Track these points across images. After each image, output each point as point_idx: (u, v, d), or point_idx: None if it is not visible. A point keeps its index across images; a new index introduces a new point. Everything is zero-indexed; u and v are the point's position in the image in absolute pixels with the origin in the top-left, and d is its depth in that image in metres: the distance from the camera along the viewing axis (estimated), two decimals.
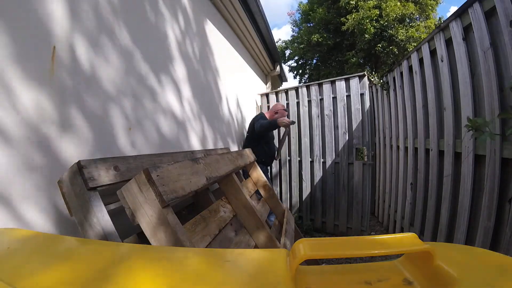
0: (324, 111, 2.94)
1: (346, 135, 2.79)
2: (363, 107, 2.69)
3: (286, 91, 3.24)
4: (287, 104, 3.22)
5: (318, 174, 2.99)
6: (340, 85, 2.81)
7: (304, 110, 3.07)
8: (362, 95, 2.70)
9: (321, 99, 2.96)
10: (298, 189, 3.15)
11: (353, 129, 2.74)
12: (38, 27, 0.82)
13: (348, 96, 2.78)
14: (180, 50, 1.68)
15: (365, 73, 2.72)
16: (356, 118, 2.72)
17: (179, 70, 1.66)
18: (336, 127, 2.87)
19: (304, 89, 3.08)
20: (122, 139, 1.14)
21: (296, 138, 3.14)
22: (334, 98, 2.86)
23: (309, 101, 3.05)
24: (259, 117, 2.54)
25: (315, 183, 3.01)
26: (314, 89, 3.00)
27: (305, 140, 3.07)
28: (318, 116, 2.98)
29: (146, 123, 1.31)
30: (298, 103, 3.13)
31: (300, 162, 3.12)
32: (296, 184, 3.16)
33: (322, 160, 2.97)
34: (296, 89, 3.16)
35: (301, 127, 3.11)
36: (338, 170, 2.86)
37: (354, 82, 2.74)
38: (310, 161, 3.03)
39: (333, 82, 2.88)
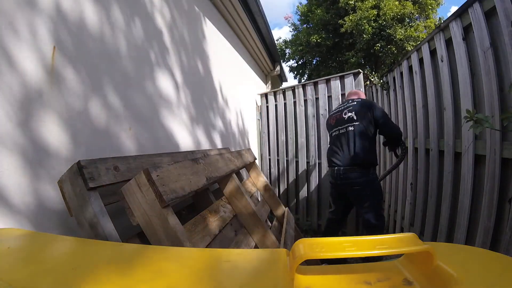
0: (320, 110, 2.90)
1: None
2: None
3: (284, 91, 3.23)
4: (285, 104, 3.21)
5: (314, 176, 2.95)
6: (335, 83, 2.78)
7: (300, 109, 3.06)
8: None
9: (317, 98, 2.94)
10: (295, 191, 3.15)
11: None
12: (40, 27, 0.82)
13: (344, 95, 2.74)
14: (180, 50, 1.68)
15: (360, 70, 2.70)
16: None
17: (179, 69, 1.66)
18: None
19: (300, 88, 3.06)
20: (122, 138, 1.14)
21: (294, 139, 3.14)
22: (330, 97, 2.83)
23: (305, 101, 3.04)
24: (380, 108, 1.86)
25: (311, 185, 2.98)
26: (309, 89, 2.98)
27: (302, 141, 3.05)
28: (314, 116, 2.96)
29: (146, 123, 1.31)
30: (295, 102, 3.12)
31: (297, 163, 3.11)
32: (293, 186, 3.16)
33: (318, 161, 2.93)
34: (293, 88, 3.15)
35: (297, 127, 3.10)
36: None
37: (348, 80, 2.70)
38: (307, 162, 3.00)
39: (328, 81, 2.85)
